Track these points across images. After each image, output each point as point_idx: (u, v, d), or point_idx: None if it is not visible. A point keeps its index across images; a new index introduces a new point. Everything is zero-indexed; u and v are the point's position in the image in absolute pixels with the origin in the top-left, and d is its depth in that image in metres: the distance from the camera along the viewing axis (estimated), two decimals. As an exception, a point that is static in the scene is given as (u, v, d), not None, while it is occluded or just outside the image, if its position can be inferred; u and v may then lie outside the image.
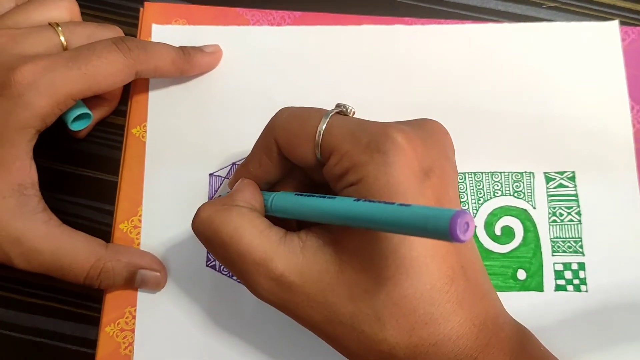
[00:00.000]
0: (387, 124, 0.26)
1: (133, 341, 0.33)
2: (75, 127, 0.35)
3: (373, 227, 0.23)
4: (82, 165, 0.37)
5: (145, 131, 0.36)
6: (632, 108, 0.36)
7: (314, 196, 0.26)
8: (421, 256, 0.25)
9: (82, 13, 0.37)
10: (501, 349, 0.25)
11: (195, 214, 0.28)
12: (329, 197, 0.25)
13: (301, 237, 0.27)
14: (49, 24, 0.33)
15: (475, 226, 0.21)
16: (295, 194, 0.28)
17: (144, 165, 0.36)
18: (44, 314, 0.34)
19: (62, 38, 0.33)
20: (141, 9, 0.39)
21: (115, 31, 0.35)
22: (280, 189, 0.30)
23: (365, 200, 0.23)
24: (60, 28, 0.33)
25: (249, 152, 0.36)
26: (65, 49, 0.33)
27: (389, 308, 0.25)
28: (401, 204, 0.22)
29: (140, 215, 0.35)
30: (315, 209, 0.26)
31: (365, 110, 0.33)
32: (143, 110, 0.37)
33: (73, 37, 0.33)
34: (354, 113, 0.28)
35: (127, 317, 0.34)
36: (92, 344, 0.34)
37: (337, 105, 0.28)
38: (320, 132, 0.27)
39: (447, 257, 0.25)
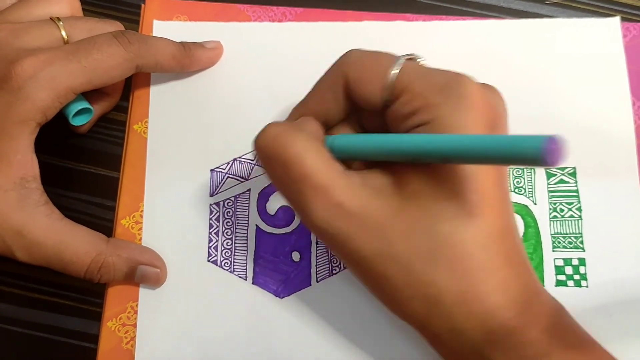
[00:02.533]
0: (461, 74, 0.27)
1: (135, 336, 0.33)
2: (77, 122, 0.35)
3: (457, 158, 0.23)
4: (84, 161, 0.37)
5: (147, 127, 0.36)
6: (634, 104, 0.36)
7: (383, 134, 0.27)
8: (482, 204, 0.25)
9: (83, 9, 0.37)
10: (541, 309, 0.26)
11: (262, 130, 0.28)
12: (403, 134, 0.26)
13: (362, 175, 0.27)
14: (50, 18, 0.33)
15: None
16: (360, 135, 0.28)
17: (145, 161, 0.36)
18: (45, 309, 0.34)
19: (63, 32, 0.33)
20: (142, 5, 0.39)
21: (116, 26, 0.35)
22: (335, 134, 0.30)
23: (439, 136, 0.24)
24: (61, 22, 0.33)
25: (250, 147, 0.36)
26: (66, 43, 0.33)
27: (445, 250, 0.25)
28: (487, 135, 0.22)
29: (141, 211, 0.35)
30: (390, 144, 0.26)
31: None
32: (144, 106, 0.37)
33: (74, 31, 0.33)
34: (424, 64, 0.29)
35: (129, 312, 0.34)
36: (94, 338, 0.34)
37: (409, 54, 0.28)
38: (394, 70, 0.27)
39: (503, 213, 0.26)
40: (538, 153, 0.20)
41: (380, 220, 0.26)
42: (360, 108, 0.29)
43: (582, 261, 0.34)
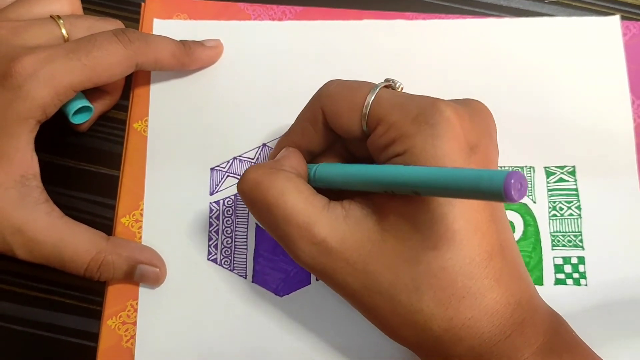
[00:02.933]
0: (436, 99, 0.27)
1: (135, 334, 0.33)
2: (77, 120, 0.35)
3: (423, 190, 0.23)
4: (84, 160, 0.37)
5: (147, 126, 0.36)
6: (633, 102, 0.36)
7: (359, 165, 0.27)
8: (463, 229, 0.25)
9: (84, 8, 0.37)
10: (535, 330, 0.26)
11: (242, 175, 0.28)
12: (376, 165, 0.26)
13: (344, 205, 0.27)
14: (51, 16, 0.33)
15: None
16: (339, 164, 0.29)
17: (145, 160, 0.36)
18: (46, 307, 0.34)
19: (63, 30, 0.33)
20: (143, 3, 0.39)
21: (116, 24, 0.35)
22: (321, 162, 0.31)
23: (409, 167, 0.24)
24: (61, 21, 0.33)
25: (250, 146, 0.36)
26: (66, 41, 0.33)
27: (427, 279, 0.25)
28: (453, 168, 0.22)
29: (141, 210, 0.35)
30: (363, 175, 0.26)
31: None
32: (144, 104, 0.37)
33: (74, 29, 0.33)
34: (402, 88, 0.29)
35: (128, 310, 0.34)
36: (94, 337, 0.34)
37: (386, 80, 0.29)
38: (368, 102, 0.27)
39: (488, 234, 0.26)
40: (499, 189, 0.20)
41: (362, 254, 0.26)
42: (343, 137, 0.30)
43: (581, 259, 0.34)
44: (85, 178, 0.37)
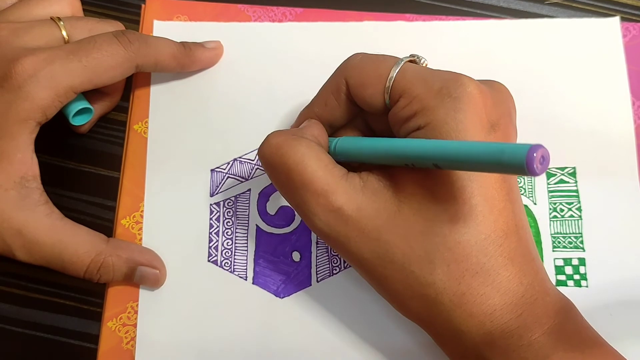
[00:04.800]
0: (460, 74, 0.27)
1: (135, 336, 0.33)
2: (77, 122, 0.35)
3: (444, 163, 0.23)
4: (84, 162, 0.37)
5: (147, 127, 0.36)
6: (633, 104, 0.36)
7: (380, 138, 0.27)
8: (480, 205, 0.25)
9: (84, 9, 0.37)
10: (546, 310, 0.26)
11: (265, 140, 0.29)
12: (397, 139, 0.26)
13: (362, 177, 0.28)
14: (51, 18, 0.33)
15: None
16: (360, 138, 0.29)
17: (145, 161, 0.36)
18: (46, 309, 0.34)
19: (63, 32, 0.33)
20: (143, 5, 0.39)
21: (116, 26, 0.35)
22: (341, 136, 0.31)
23: (430, 140, 0.24)
24: (62, 22, 0.33)
25: (251, 147, 0.36)
26: (66, 42, 0.33)
27: (442, 252, 0.25)
28: (476, 142, 0.23)
29: (142, 211, 0.35)
30: (385, 148, 0.27)
31: None
32: (145, 106, 0.37)
33: (74, 31, 0.33)
34: (426, 64, 0.29)
35: (129, 312, 0.34)
36: (94, 338, 0.34)
37: (411, 55, 0.29)
38: (393, 74, 0.28)
39: (504, 213, 0.26)
40: (521, 162, 0.20)
41: (377, 224, 0.26)
42: (365, 110, 0.30)
43: (582, 261, 0.34)
44: (85, 180, 0.37)
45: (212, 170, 0.36)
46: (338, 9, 0.39)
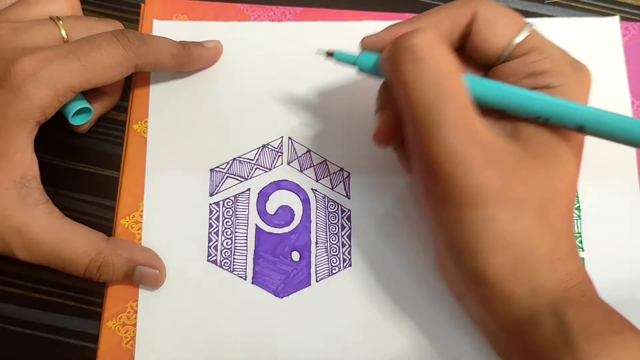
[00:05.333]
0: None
1: (135, 335, 0.33)
2: (76, 121, 0.35)
3: (591, 128, 0.26)
4: (84, 161, 0.37)
5: (146, 127, 0.36)
6: (633, 103, 0.36)
7: (520, 88, 0.28)
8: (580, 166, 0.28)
9: (84, 9, 0.37)
10: (591, 287, 0.27)
11: (409, 35, 0.27)
12: (541, 94, 0.27)
13: (488, 119, 0.28)
14: (50, 17, 0.33)
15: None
16: (492, 81, 0.28)
17: (145, 161, 0.36)
18: (45, 309, 0.34)
19: (63, 32, 0.33)
20: (142, 4, 0.39)
21: (115, 25, 0.35)
22: None
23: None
24: (61, 22, 0.33)
25: (250, 147, 0.36)
26: (66, 42, 0.33)
27: (555, 207, 0.27)
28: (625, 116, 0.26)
29: (141, 211, 0.35)
30: (528, 99, 0.27)
31: (369, 105, 0.33)
32: (144, 106, 0.37)
33: (74, 30, 0.33)
34: None
35: (128, 312, 0.34)
36: (94, 338, 0.34)
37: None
38: (529, 27, 0.28)
39: (573, 195, 0.28)
40: None
41: (507, 160, 0.26)
42: (464, 52, 0.30)
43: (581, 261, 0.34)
44: (84, 179, 0.36)
45: (211, 170, 0.36)
46: (338, 8, 0.39)
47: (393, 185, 0.35)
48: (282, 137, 0.36)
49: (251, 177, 0.36)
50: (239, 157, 0.36)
